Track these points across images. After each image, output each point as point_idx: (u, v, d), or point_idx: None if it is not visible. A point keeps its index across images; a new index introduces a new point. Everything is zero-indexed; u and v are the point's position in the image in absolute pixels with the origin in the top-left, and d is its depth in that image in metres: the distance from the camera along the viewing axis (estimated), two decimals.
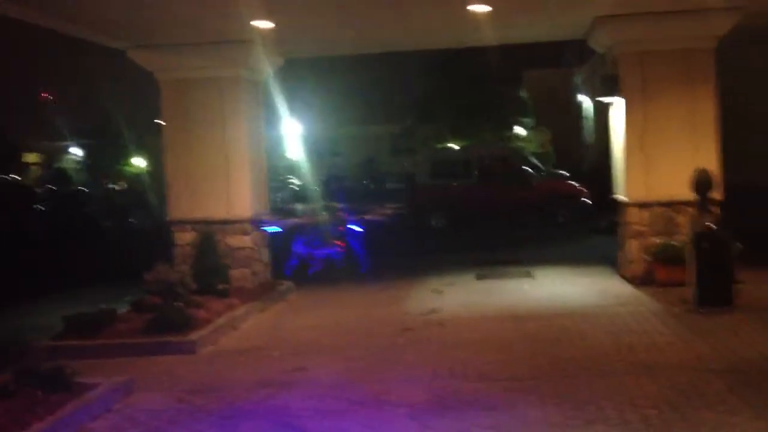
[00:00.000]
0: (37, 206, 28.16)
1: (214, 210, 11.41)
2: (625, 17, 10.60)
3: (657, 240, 10.91)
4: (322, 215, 15.00)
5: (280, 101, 14.86)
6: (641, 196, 11.08)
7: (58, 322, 9.01)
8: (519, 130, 36.12)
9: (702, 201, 9.39)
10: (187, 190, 11.49)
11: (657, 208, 11.04)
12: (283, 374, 7.41)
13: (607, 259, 12.81)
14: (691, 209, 9.85)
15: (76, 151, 54.12)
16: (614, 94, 11.33)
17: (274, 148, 27.70)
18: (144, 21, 10.07)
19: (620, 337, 8.07)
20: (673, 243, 10.65)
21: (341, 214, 14.94)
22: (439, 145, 34.55)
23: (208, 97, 11.44)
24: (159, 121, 12.17)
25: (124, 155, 46.87)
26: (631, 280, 11.10)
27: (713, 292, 8.97)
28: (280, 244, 13.09)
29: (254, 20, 9.95)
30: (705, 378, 6.47)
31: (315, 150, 35.82)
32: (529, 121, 36.52)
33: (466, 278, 12.52)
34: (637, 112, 11.03)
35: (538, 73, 38.90)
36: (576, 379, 6.65)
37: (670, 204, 10.97)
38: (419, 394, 6.44)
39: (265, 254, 12.12)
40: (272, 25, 10.19)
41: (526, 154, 26.59)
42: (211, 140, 11.44)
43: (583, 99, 33.92)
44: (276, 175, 32.55)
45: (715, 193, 9.87)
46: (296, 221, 15.69)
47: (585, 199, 21.89)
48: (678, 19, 10.62)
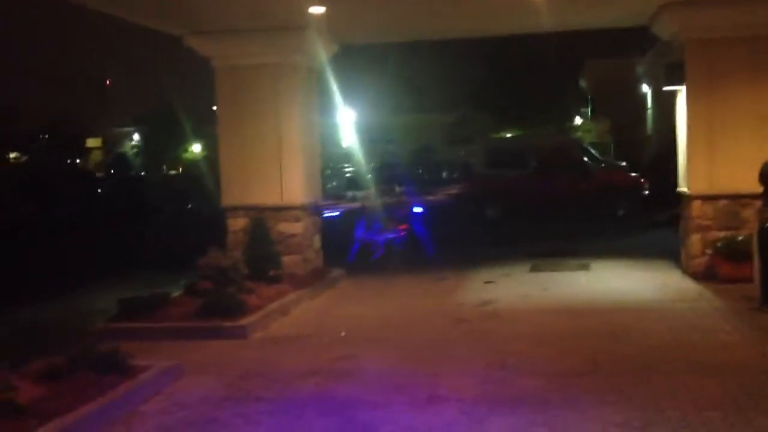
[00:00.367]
0: (98, 191, 28.78)
1: (267, 196, 11.40)
2: (692, 3, 10.19)
3: (721, 234, 10.52)
4: (384, 199, 14.86)
5: (334, 89, 14.78)
6: (705, 188, 10.69)
7: (115, 305, 9.12)
8: (577, 120, 35.48)
9: None
10: (241, 176, 11.50)
11: (722, 202, 10.64)
12: (332, 362, 7.34)
13: (668, 253, 12.42)
14: (758, 203, 9.43)
15: (137, 137, 55.25)
16: (679, 83, 10.94)
17: (329, 136, 27.75)
18: (200, 7, 10.09)
19: (681, 335, 7.78)
20: (738, 238, 10.26)
21: (404, 197, 14.79)
22: (494, 135, 34.18)
23: (263, 83, 11.40)
24: (216, 109, 12.20)
25: (183, 142, 47.67)
26: (693, 276, 10.74)
27: None
28: (338, 229, 13.02)
29: (310, 5, 9.87)
30: None
31: (369, 138, 35.83)
32: (588, 111, 35.85)
33: (521, 269, 12.29)
34: (702, 102, 10.63)
35: (598, 62, 38.08)
36: (635, 377, 6.40)
37: (736, 197, 10.55)
38: (471, 388, 6.28)
39: (317, 241, 12.08)
40: (325, 10, 10.09)
41: (584, 144, 26.04)
42: (265, 127, 11.41)
43: (645, 89, 33.11)
44: (330, 162, 32.72)
45: None
46: (355, 205, 15.60)
47: (645, 192, 21.34)
48: (747, 5, 10.16)
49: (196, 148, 47.46)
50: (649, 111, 33.16)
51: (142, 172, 42.87)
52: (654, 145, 29.94)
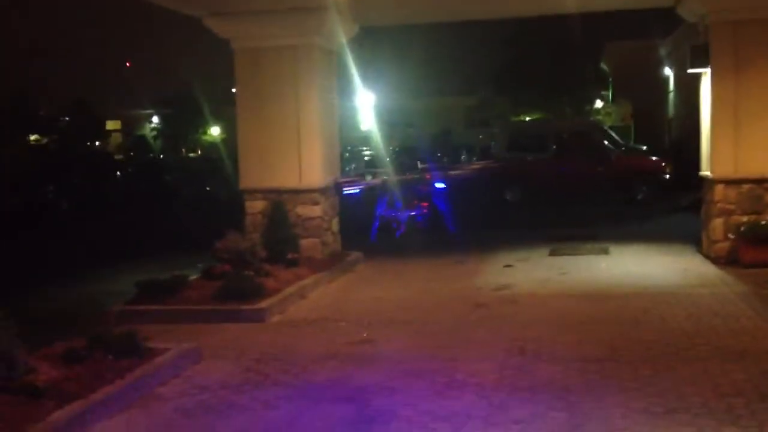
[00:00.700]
0: (117, 173, 28.90)
1: (285, 179, 11.36)
2: None
3: (744, 219, 10.40)
4: (405, 175, 14.69)
5: (354, 71, 14.68)
6: (729, 172, 10.54)
7: (132, 287, 9.13)
8: (598, 103, 35.13)
9: None
10: (259, 158, 11.47)
11: (746, 186, 10.50)
12: (350, 346, 7.32)
13: (689, 237, 12.28)
14: None
15: (156, 119, 55.39)
16: (705, 65, 10.75)
17: (348, 119, 27.65)
18: None
19: (703, 320, 7.68)
20: (762, 222, 10.12)
21: (426, 174, 14.62)
22: (515, 118, 33.94)
23: (282, 65, 11.34)
24: (235, 91, 12.17)
25: (202, 124, 47.73)
26: (715, 261, 10.61)
27: None
28: (359, 207, 12.81)
29: None
30: None
31: (388, 121, 35.68)
32: (609, 94, 35.48)
33: (540, 253, 12.20)
34: (728, 85, 10.45)
35: (619, 44, 37.60)
36: (656, 363, 6.32)
37: (761, 181, 10.43)
38: (490, 373, 6.23)
39: (335, 224, 12.05)
40: None
41: (605, 128, 25.77)
42: (284, 109, 11.36)
43: (667, 72, 32.68)
44: (349, 146, 32.63)
45: None
46: (376, 182, 15.35)
47: (666, 176, 21.11)
48: None
49: (215, 131, 47.52)
50: (671, 94, 32.74)
51: (161, 155, 42.95)
52: (676, 129, 29.62)
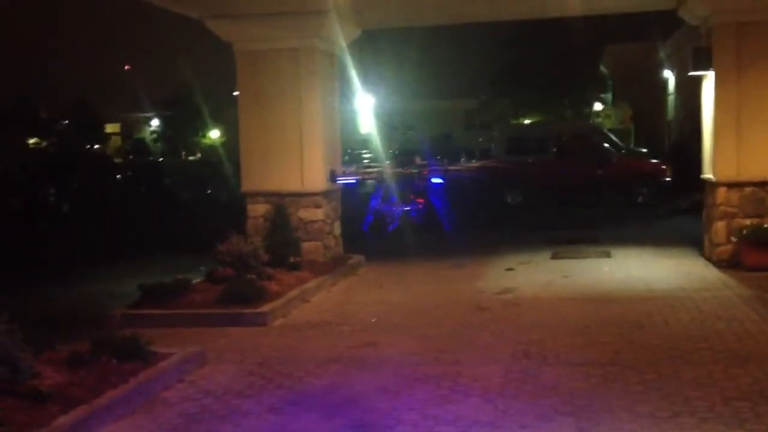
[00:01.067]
0: (117, 177, 28.86)
1: (287, 182, 11.35)
2: None
3: (747, 222, 10.39)
4: (402, 169, 14.50)
5: (354, 74, 14.67)
6: (732, 175, 10.53)
7: (135, 290, 9.12)
8: (598, 106, 35.14)
9: None
10: (261, 161, 11.46)
11: (748, 189, 10.50)
12: (353, 350, 7.30)
13: (691, 240, 12.28)
14: None
15: (155, 122, 55.33)
16: (707, 68, 10.75)
17: (348, 122, 27.64)
18: None
19: (707, 324, 7.68)
20: (765, 225, 10.12)
21: (424, 169, 14.43)
22: (514, 121, 33.94)
23: (284, 68, 11.33)
24: (236, 94, 12.16)
25: (202, 127, 47.70)
26: (717, 264, 10.61)
27: None
28: (353, 200, 12.50)
29: None
30: None
31: (388, 124, 35.66)
32: (608, 96, 35.49)
33: (542, 256, 12.19)
34: (730, 87, 10.45)
35: (619, 46, 37.62)
36: (661, 367, 6.31)
37: (763, 184, 10.43)
38: (495, 377, 6.22)
39: (337, 227, 12.04)
40: None
41: (605, 130, 25.79)
42: (286, 112, 11.35)
43: (667, 74, 32.68)
44: (349, 149, 32.58)
45: None
46: (372, 174, 15.12)
47: (666, 179, 21.11)
48: None
49: (215, 134, 47.49)
50: (671, 97, 32.75)
51: (161, 158, 42.91)
52: (676, 132, 29.63)
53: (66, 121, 51.23)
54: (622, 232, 14.73)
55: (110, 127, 58.07)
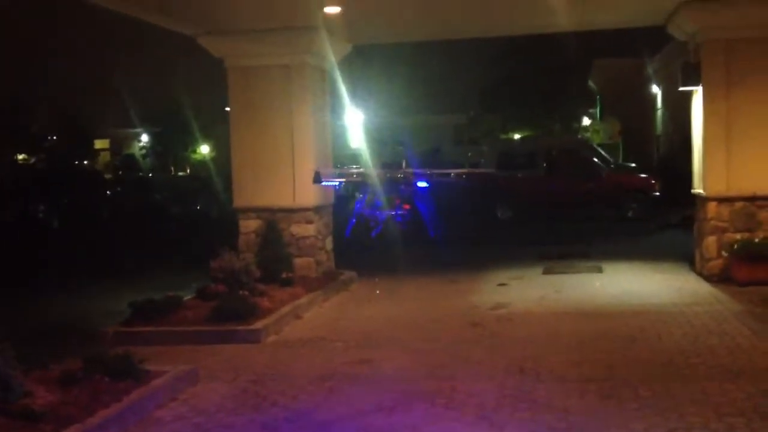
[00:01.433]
0: (107, 192, 28.75)
1: (279, 198, 11.35)
2: (712, 2, 10.10)
3: (737, 236, 10.44)
4: (388, 173, 14.24)
5: (344, 90, 14.70)
6: (722, 190, 10.60)
7: (125, 307, 9.05)
8: (586, 121, 35.32)
9: None
10: (253, 177, 11.46)
11: (738, 203, 10.56)
12: (347, 366, 7.27)
13: (681, 255, 12.33)
14: None
15: (145, 137, 55.19)
16: (696, 83, 10.84)
17: (338, 137, 27.65)
18: (214, 7, 10.03)
19: (700, 339, 7.69)
20: (756, 240, 10.17)
21: (409, 173, 14.18)
22: (503, 136, 34.06)
23: (275, 84, 11.36)
24: (227, 109, 12.16)
25: (192, 142, 47.58)
26: (708, 278, 10.65)
27: None
28: (343, 219, 12.12)
29: (324, 5, 9.80)
30: None
31: (378, 139, 35.67)
32: (597, 111, 35.69)
33: (534, 272, 12.21)
34: (720, 103, 10.53)
35: (606, 61, 37.87)
36: (655, 383, 6.31)
37: (753, 199, 10.49)
38: (489, 393, 6.20)
39: (329, 243, 12.03)
40: (340, 9, 10.02)
41: (594, 145, 25.93)
42: (277, 128, 11.37)
43: (655, 89, 32.92)
44: (338, 164, 32.60)
45: None
46: (357, 177, 14.82)
47: (655, 193, 21.22)
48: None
49: (205, 149, 47.40)
50: (659, 111, 32.97)
51: (150, 174, 42.77)
52: (664, 146, 29.81)
53: (55, 137, 51.03)
54: (612, 247, 14.77)
55: (99, 143, 57.86)
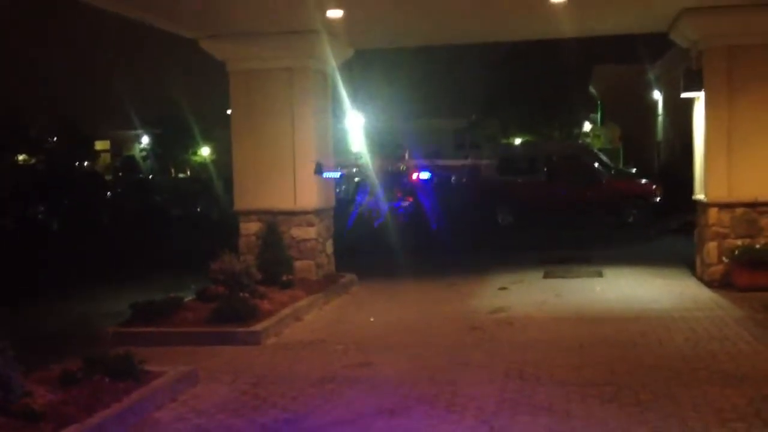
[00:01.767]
0: (107, 194, 28.73)
1: (280, 201, 11.34)
2: (714, 9, 10.10)
3: (738, 242, 10.44)
4: (390, 165, 14.22)
5: (346, 93, 14.70)
6: (723, 196, 10.60)
7: (125, 308, 9.06)
8: (587, 126, 35.33)
9: None
10: (254, 180, 11.46)
11: (739, 209, 10.57)
12: (347, 369, 7.27)
13: (681, 260, 12.33)
14: None
15: (145, 139, 55.17)
16: (698, 89, 10.85)
17: (339, 141, 27.68)
18: (217, 10, 10.04)
19: (701, 344, 7.69)
20: (757, 246, 10.17)
21: (412, 164, 14.15)
22: (504, 140, 34.06)
23: (277, 87, 11.36)
24: (228, 112, 12.16)
25: (192, 145, 47.56)
26: (709, 284, 10.64)
27: None
28: (343, 222, 12.08)
29: (327, 9, 9.81)
30: None
31: (378, 143, 35.69)
32: (597, 116, 35.70)
33: (534, 276, 12.20)
34: (721, 109, 10.54)
35: (608, 67, 37.88)
36: (656, 387, 6.30)
37: (754, 205, 10.50)
38: (489, 397, 6.19)
39: (329, 246, 12.02)
40: (342, 14, 10.02)
41: (595, 151, 25.93)
42: (279, 131, 11.37)
43: (656, 95, 32.93)
44: (339, 166, 32.62)
45: None
46: (359, 169, 14.83)
47: (656, 199, 21.22)
48: None
49: (205, 152, 47.40)
50: (660, 117, 32.99)
51: (150, 175, 42.75)
52: (665, 152, 29.82)
53: (55, 138, 51.01)
54: (613, 252, 14.77)
55: (99, 145, 57.84)
